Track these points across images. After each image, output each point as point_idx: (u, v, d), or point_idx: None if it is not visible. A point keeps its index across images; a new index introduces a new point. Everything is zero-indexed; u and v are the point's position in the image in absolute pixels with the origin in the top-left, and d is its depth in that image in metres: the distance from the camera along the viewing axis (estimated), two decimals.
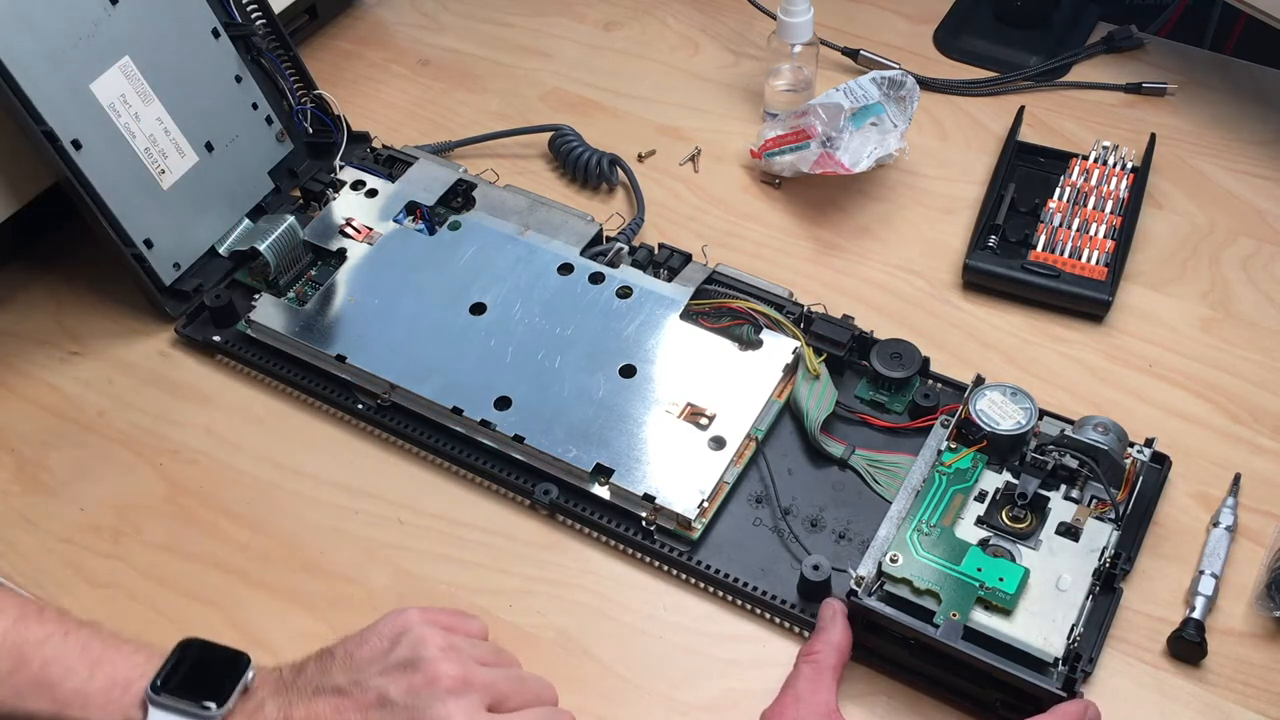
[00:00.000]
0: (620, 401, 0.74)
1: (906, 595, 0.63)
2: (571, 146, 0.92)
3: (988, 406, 0.69)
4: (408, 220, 0.86)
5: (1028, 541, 0.66)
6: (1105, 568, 0.64)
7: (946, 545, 0.65)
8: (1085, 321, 0.81)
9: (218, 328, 0.82)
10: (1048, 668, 0.61)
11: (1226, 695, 0.64)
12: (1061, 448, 0.68)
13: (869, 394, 0.76)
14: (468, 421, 0.74)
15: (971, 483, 0.68)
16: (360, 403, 0.77)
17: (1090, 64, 0.99)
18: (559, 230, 0.84)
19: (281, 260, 0.83)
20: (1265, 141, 0.92)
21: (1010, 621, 0.62)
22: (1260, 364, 0.78)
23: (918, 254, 0.86)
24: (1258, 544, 0.69)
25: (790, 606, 0.67)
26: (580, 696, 0.65)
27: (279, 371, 0.80)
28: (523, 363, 0.77)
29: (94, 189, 0.78)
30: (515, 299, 0.80)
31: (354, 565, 0.72)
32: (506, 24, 1.07)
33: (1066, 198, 0.86)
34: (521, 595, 0.70)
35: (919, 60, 1.00)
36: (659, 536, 0.70)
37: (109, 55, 0.79)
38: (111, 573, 0.72)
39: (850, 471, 0.73)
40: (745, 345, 0.77)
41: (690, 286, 0.80)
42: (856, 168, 0.84)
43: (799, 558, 0.68)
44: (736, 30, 1.05)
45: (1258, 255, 0.85)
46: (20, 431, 0.79)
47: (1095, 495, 0.67)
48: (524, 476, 0.73)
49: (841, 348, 0.76)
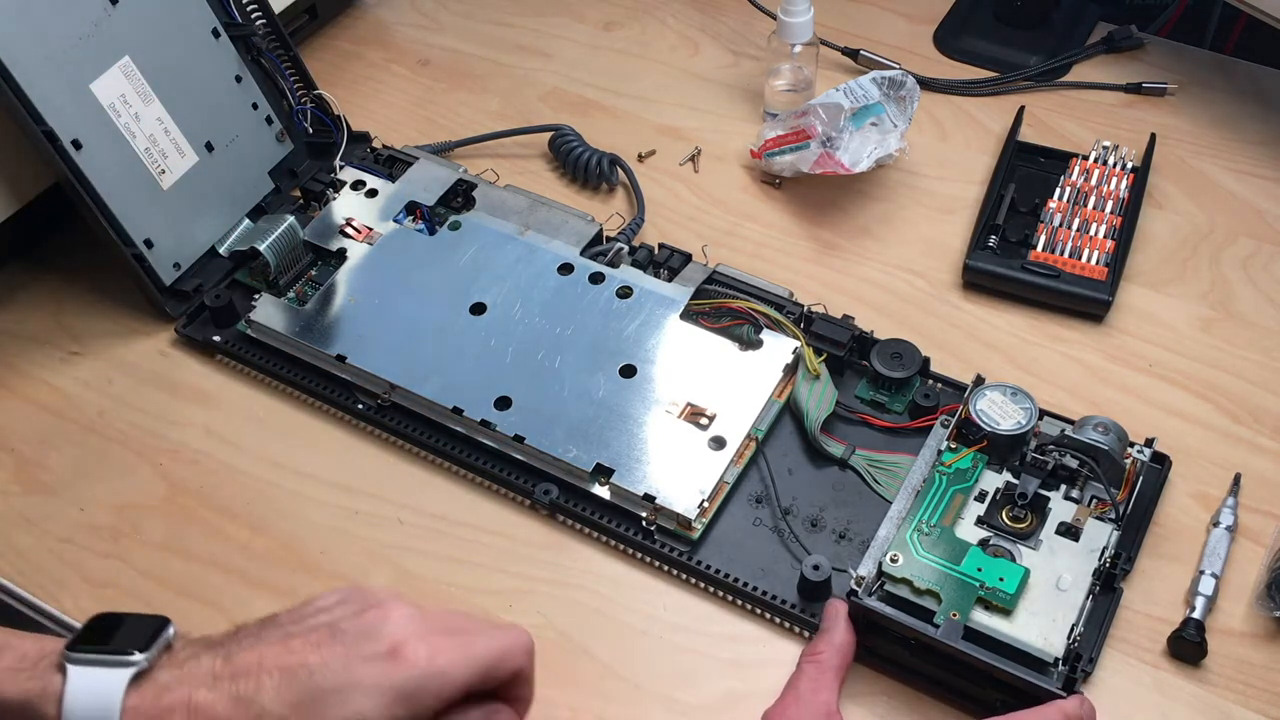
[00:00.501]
0: (620, 401, 0.74)
1: (907, 595, 0.63)
2: (572, 146, 0.92)
3: (988, 406, 0.69)
4: (408, 220, 0.86)
5: (1028, 541, 0.66)
6: (1105, 568, 0.64)
7: (947, 545, 0.65)
8: (1085, 321, 0.81)
9: (218, 328, 0.82)
10: (1048, 668, 0.61)
11: (1226, 695, 0.64)
12: (1062, 448, 0.68)
13: (869, 394, 0.76)
14: (468, 421, 0.74)
15: (971, 483, 0.68)
16: (360, 403, 0.77)
17: (1090, 64, 0.99)
18: (559, 230, 0.84)
19: (281, 260, 0.83)
20: (1265, 141, 0.92)
21: (1010, 621, 0.62)
22: (1260, 364, 0.78)
23: (918, 254, 0.86)
24: (1258, 544, 0.69)
25: (790, 606, 0.67)
26: (580, 696, 0.65)
27: (279, 371, 0.80)
28: (523, 363, 0.77)
29: (94, 189, 0.78)
30: (515, 299, 0.80)
31: (354, 565, 0.72)
32: (506, 24, 1.07)
33: (1066, 198, 0.86)
34: (521, 595, 0.70)
35: (919, 60, 1.00)
36: (659, 536, 0.70)
37: (109, 55, 0.79)
38: (111, 573, 0.72)
39: (850, 471, 0.73)
40: (745, 345, 0.77)
41: (690, 286, 0.80)
42: (856, 168, 0.84)
43: (799, 558, 0.68)
44: (736, 30, 1.05)
45: (1258, 255, 0.85)
46: (20, 431, 0.79)
47: (1095, 495, 0.67)
48: (524, 476, 0.73)
49: (842, 348, 0.76)
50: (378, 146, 0.93)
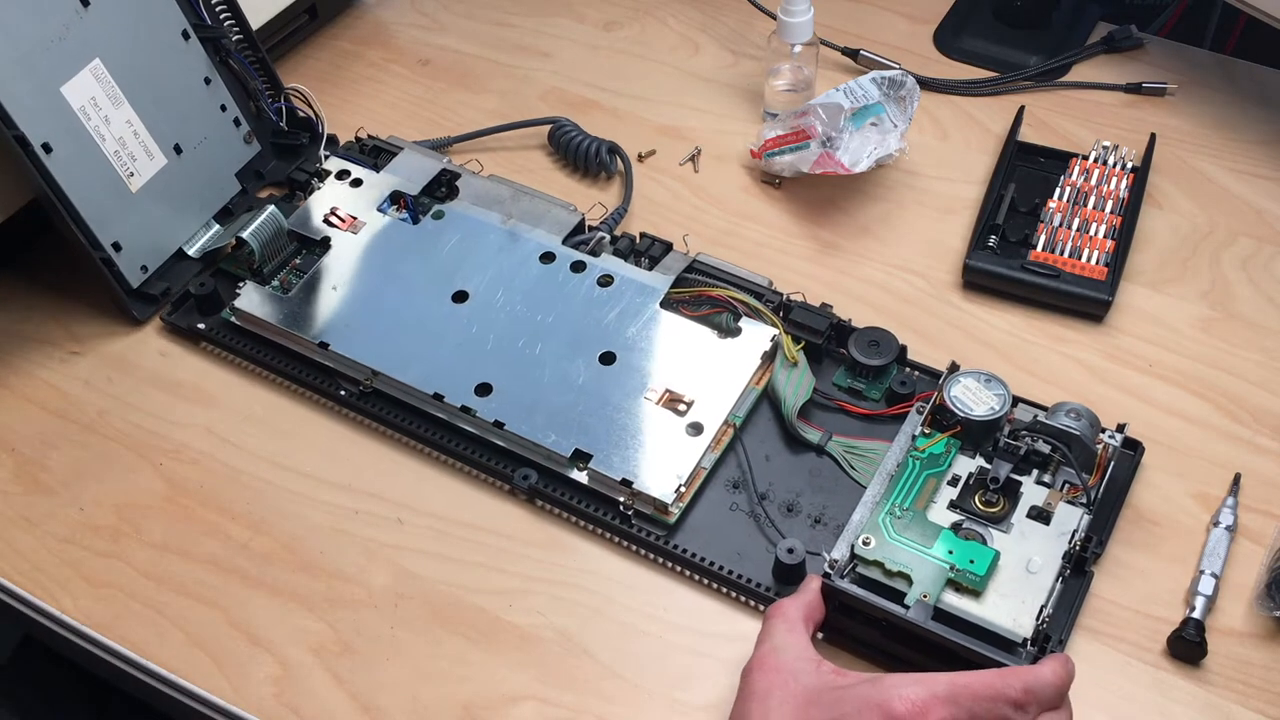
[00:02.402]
0: (600, 388, 0.75)
1: (878, 577, 0.64)
2: (571, 136, 0.93)
3: (962, 393, 0.70)
4: (392, 210, 0.87)
5: (1000, 525, 0.66)
6: (1075, 550, 0.65)
7: (919, 528, 0.66)
8: (1085, 321, 0.81)
9: (202, 315, 0.83)
10: (1016, 648, 0.61)
11: (1226, 695, 0.64)
12: (1034, 433, 0.69)
13: (847, 381, 0.77)
14: (448, 408, 0.75)
15: (944, 467, 0.69)
16: (343, 389, 0.78)
17: (1090, 64, 0.99)
18: (541, 219, 0.85)
19: (266, 249, 0.84)
20: (1265, 141, 0.92)
21: (980, 603, 0.63)
22: (1260, 364, 0.78)
23: (918, 254, 0.86)
24: (1258, 544, 0.69)
25: (765, 590, 0.68)
26: (580, 696, 0.65)
27: (263, 359, 0.80)
28: (504, 350, 0.77)
29: (63, 193, 0.77)
30: (497, 287, 0.81)
31: (354, 565, 0.72)
32: (506, 24, 1.07)
33: (1066, 198, 0.86)
34: (521, 595, 0.70)
35: (919, 60, 1.00)
36: (636, 521, 0.71)
37: (80, 58, 0.78)
38: (111, 573, 0.72)
39: (827, 458, 0.74)
40: (724, 333, 0.77)
41: (671, 275, 0.81)
42: (856, 168, 0.84)
43: (774, 542, 0.69)
44: (736, 30, 1.05)
45: (1258, 255, 0.85)
46: (20, 431, 0.79)
47: (1068, 480, 0.68)
48: (504, 462, 0.74)
49: (820, 335, 0.77)
50: (363, 136, 0.93)
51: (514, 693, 0.66)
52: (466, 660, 0.67)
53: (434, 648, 0.68)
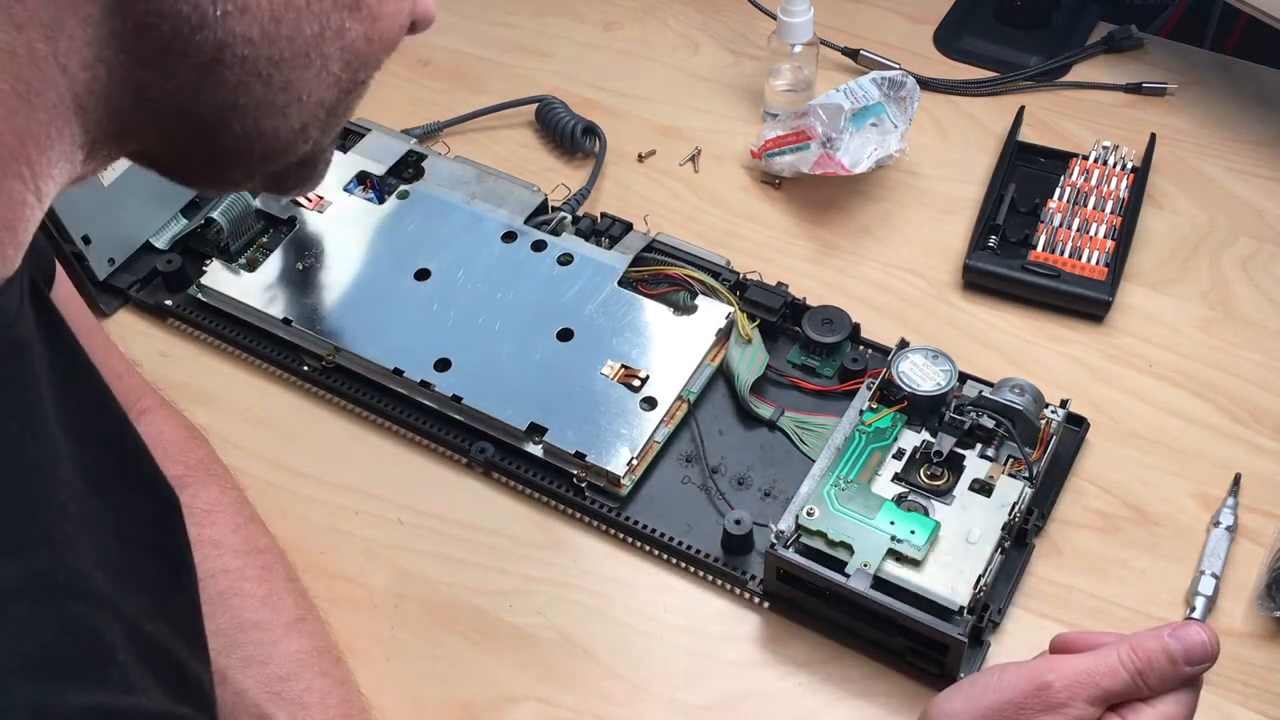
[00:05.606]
0: (557, 363, 0.76)
1: (821, 547, 0.65)
2: (554, 112, 0.94)
3: (909, 369, 0.71)
4: (358, 190, 0.88)
5: (943, 498, 0.67)
6: (1016, 522, 0.66)
7: (862, 500, 0.66)
8: (1085, 321, 0.81)
9: (169, 292, 0.84)
10: (954, 616, 0.62)
11: (1227, 695, 0.64)
12: (979, 408, 0.70)
13: (800, 359, 0.78)
14: (408, 382, 0.76)
15: (890, 441, 0.70)
16: (306, 364, 0.79)
17: (1090, 64, 0.99)
18: (504, 200, 0.86)
19: (233, 227, 0.84)
20: (1265, 141, 0.92)
21: (920, 572, 0.64)
22: (1260, 364, 0.78)
23: (918, 254, 0.86)
24: (1258, 544, 0.69)
25: (714, 561, 0.69)
26: (580, 696, 0.66)
27: (229, 335, 0.82)
28: (464, 327, 0.79)
29: None
30: (459, 265, 0.82)
31: (354, 565, 0.72)
32: (506, 24, 1.07)
33: (1066, 198, 0.86)
34: (521, 595, 0.70)
35: (919, 60, 1.00)
36: (589, 493, 0.72)
37: None
38: None
39: (779, 433, 0.75)
40: (680, 311, 0.79)
41: (629, 254, 0.82)
42: (856, 168, 0.84)
43: (724, 514, 0.70)
44: (736, 30, 1.05)
45: (1258, 255, 0.85)
46: None
47: (1011, 455, 0.69)
48: (462, 436, 0.75)
49: (774, 314, 0.78)
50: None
51: (514, 693, 0.66)
52: (466, 660, 0.67)
53: (434, 648, 0.68)
